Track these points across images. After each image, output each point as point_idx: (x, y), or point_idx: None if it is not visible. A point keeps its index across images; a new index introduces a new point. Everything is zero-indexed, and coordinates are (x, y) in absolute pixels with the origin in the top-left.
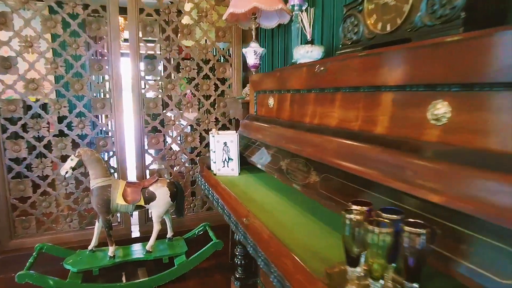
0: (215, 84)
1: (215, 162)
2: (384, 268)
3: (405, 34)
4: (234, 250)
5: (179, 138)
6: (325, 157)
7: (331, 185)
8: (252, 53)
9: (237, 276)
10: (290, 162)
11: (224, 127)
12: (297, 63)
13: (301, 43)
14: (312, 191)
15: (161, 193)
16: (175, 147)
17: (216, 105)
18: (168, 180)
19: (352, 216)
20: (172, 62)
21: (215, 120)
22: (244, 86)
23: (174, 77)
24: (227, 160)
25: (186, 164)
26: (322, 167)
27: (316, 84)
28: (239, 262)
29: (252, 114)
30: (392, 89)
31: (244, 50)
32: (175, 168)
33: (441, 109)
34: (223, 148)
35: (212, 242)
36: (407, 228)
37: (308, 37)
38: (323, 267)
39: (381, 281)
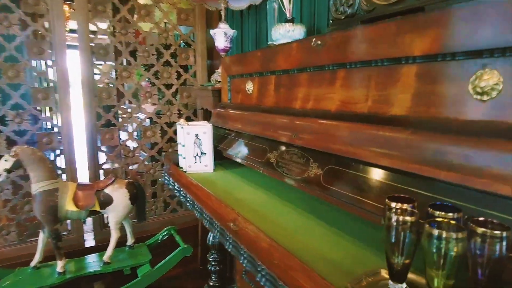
0: (177, 71)
1: (184, 158)
2: (449, 286)
3: (415, 3)
4: (207, 255)
5: (136, 133)
6: (330, 145)
7: (339, 178)
8: (222, 35)
9: (211, 284)
10: (281, 154)
11: (188, 120)
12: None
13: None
14: (314, 187)
15: (119, 195)
16: (132, 143)
17: (178, 95)
18: (126, 181)
19: (400, 217)
20: (124, 46)
21: (177, 112)
22: (210, 74)
23: (130, 63)
24: (199, 154)
25: (146, 162)
26: (325, 157)
27: (311, 62)
28: (212, 269)
29: (225, 102)
30: (417, 60)
31: (212, 31)
32: (132, 167)
33: (489, 80)
34: (195, 141)
35: (179, 247)
36: (480, 229)
37: (288, 16)
38: (345, 280)
39: None
